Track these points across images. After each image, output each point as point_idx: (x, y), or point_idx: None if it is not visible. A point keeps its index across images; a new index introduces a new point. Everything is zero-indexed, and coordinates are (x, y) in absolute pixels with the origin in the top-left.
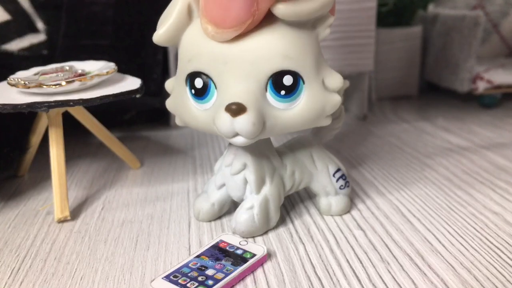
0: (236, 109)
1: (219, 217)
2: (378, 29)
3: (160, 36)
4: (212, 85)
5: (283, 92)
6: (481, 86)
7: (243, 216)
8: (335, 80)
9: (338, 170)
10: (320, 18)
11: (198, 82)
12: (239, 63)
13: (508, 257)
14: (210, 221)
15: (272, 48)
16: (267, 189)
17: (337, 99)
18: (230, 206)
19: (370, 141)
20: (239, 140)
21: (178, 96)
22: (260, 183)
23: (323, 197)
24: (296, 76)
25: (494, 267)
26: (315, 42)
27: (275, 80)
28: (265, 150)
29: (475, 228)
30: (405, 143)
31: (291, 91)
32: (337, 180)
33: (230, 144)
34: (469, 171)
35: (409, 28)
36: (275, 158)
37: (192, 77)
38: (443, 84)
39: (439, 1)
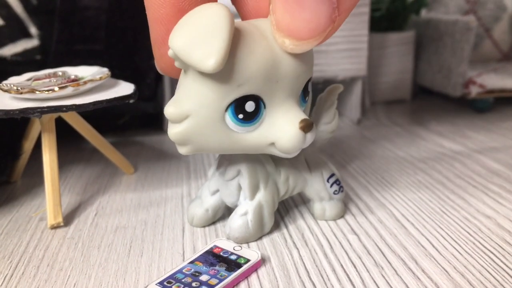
0: (310, 126)
1: (213, 223)
2: (371, 34)
3: (219, 65)
4: (262, 106)
5: (307, 98)
6: (473, 91)
7: (237, 222)
8: None
9: (332, 175)
10: None
11: (250, 106)
12: (288, 79)
13: (501, 261)
14: (204, 226)
15: (309, 59)
16: (261, 195)
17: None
18: (224, 212)
19: (364, 145)
20: (296, 153)
21: (202, 125)
22: (254, 189)
23: (317, 202)
24: (309, 81)
25: (488, 271)
26: None
27: (304, 88)
28: (259, 155)
29: (468, 232)
30: (399, 147)
31: (308, 94)
32: (331, 185)
33: None
34: (462, 175)
35: (402, 33)
36: (269, 163)
37: (240, 102)
38: (436, 88)
39: (432, 6)
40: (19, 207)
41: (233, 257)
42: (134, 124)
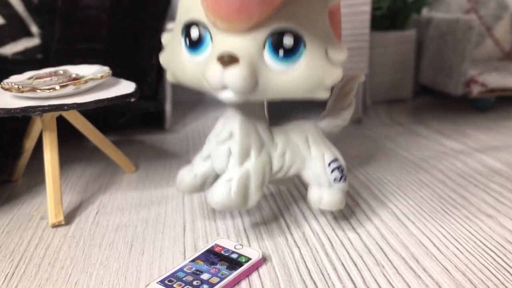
0: (227, 59)
1: (214, 221)
2: (373, 32)
3: None
4: (208, 37)
5: (281, 53)
6: (475, 90)
7: (219, 188)
8: (339, 52)
9: (335, 160)
10: None
11: (194, 32)
12: None
13: (503, 260)
14: (191, 193)
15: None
16: (250, 163)
17: (338, 72)
18: (215, 181)
19: (365, 144)
20: (228, 94)
21: (172, 49)
22: (244, 155)
23: (315, 187)
24: (298, 39)
25: (489, 270)
26: (324, 8)
27: (275, 39)
28: (255, 122)
29: (469, 231)
30: (400, 146)
31: (290, 53)
32: (332, 171)
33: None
34: (464, 174)
35: (403, 32)
36: (266, 133)
37: (188, 27)
38: (437, 87)
39: (433, 5)
40: (20, 206)
41: (234, 255)
42: (135, 123)
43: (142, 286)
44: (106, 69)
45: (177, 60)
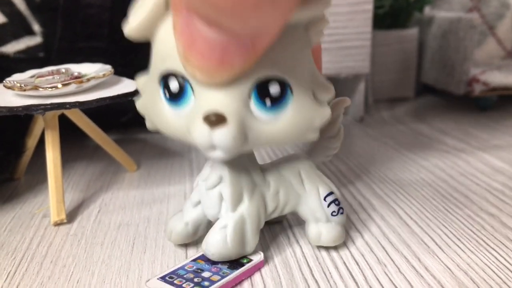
0: (215, 120)
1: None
2: (375, 31)
3: (132, 29)
4: (189, 89)
5: (268, 102)
6: (477, 89)
7: (214, 236)
8: (327, 92)
9: (330, 193)
10: (314, 20)
11: (174, 85)
12: None
13: (505, 259)
14: (184, 243)
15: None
16: (244, 207)
17: (327, 111)
18: (208, 228)
19: (367, 142)
20: (217, 154)
21: (150, 97)
22: (237, 200)
23: (312, 223)
24: (284, 85)
25: (491, 269)
26: (307, 49)
27: (261, 89)
28: (245, 163)
29: (471, 230)
30: (402, 145)
31: (278, 101)
32: (329, 205)
33: None
34: (465, 173)
35: (405, 30)
36: (257, 173)
37: (166, 78)
38: (439, 86)
39: (435, 3)
40: (22, 204)
41: None
42: (137, 122)
43: (144, 284)
44: (108, 68)
45: (157, 110)
